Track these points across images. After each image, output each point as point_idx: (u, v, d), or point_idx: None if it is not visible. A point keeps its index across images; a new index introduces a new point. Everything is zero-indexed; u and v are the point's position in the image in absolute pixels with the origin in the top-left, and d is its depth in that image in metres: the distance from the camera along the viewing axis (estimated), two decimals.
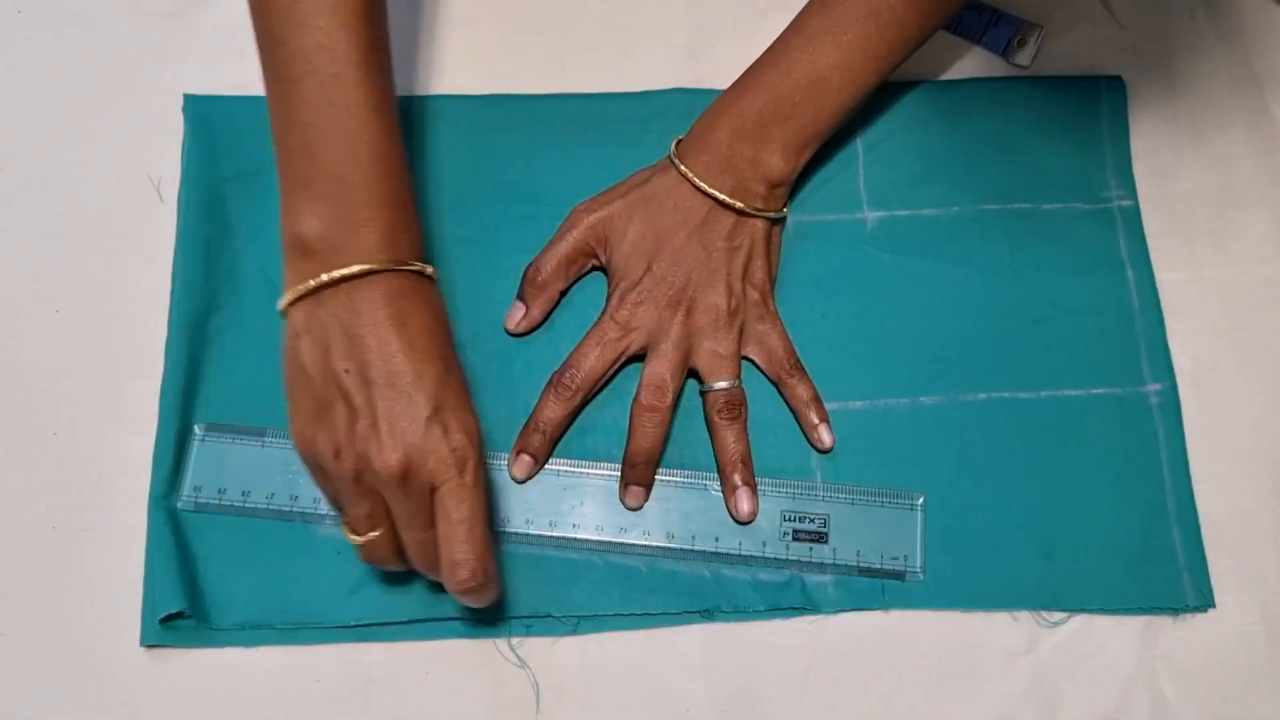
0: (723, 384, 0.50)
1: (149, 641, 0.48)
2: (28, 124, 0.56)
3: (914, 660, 0.49)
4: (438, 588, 0.48)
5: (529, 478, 0.50)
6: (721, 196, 0.50)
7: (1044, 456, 0.52)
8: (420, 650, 0.48)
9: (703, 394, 0.51)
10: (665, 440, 0.50)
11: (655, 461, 0.50)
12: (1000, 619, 0.49)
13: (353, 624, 0.48)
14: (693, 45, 0.58)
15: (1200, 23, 0.60)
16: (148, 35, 0.58)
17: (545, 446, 0.50)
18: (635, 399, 0.50)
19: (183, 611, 0.47)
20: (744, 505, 0.50)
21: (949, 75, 0.59)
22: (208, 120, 0.56)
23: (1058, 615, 0.49)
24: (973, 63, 0.59)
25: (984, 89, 0.58)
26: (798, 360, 0.52)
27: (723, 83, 0.53)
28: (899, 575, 0.50)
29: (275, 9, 0.43)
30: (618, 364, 0.51)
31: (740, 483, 0.50)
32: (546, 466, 0.51)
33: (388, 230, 0.43)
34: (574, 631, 0.49)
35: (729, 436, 0.50)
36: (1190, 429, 0.52)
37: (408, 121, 0.56)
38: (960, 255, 0.55)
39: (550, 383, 0.50)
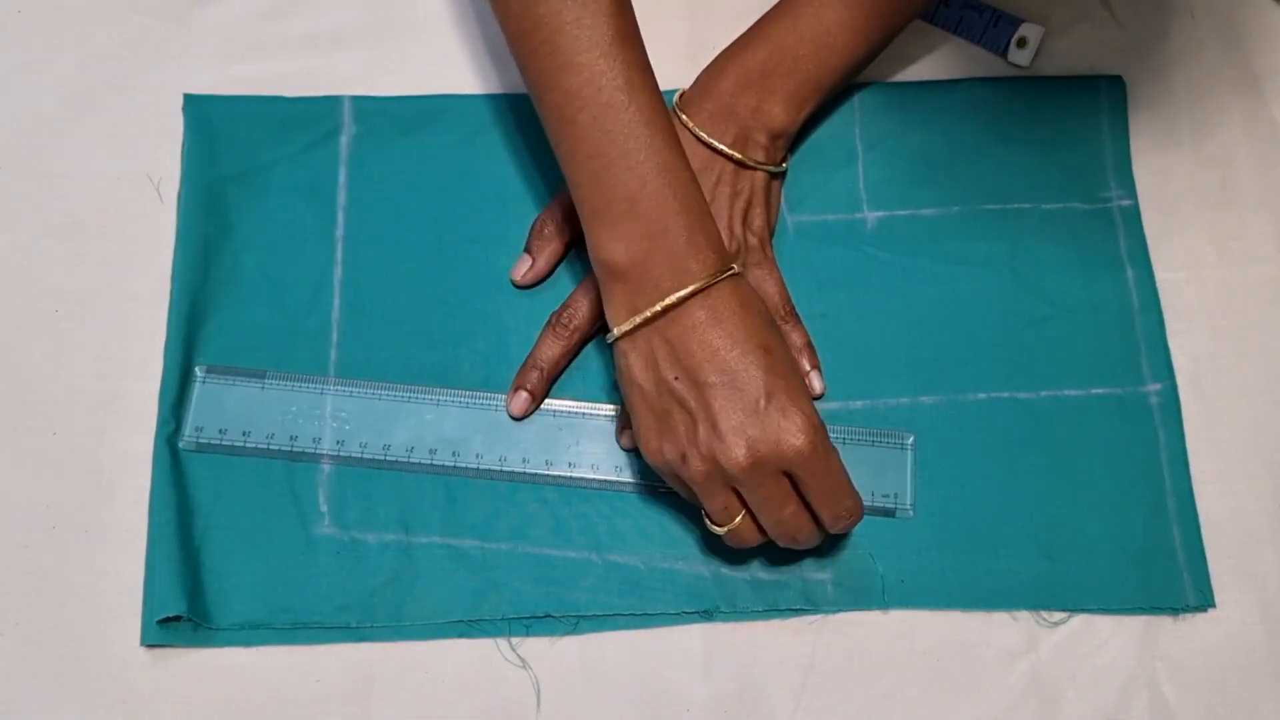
0: None
1: (149, 641, 0.48)
2: (27, 124, 0.56)
3: (914, 660, 0.49)
4: (440, 585, 0.48)
5: (526, 415, 0.51)
6: (721, 147, 0.51)
7: (1044, 456, 0.52)
8: (420, 650, 0.48)
9: None
10: None
11: None
12: (1000, 619, 0.49)
13: (353, 625, 0.48)
14: (693, 45, 0.58)
15: (1200, 23, 0.60)
16: (148, 35, 0.58)
17: (542, 384, 0.51)
18: None
19: (181, 615, 0.47)
20: None
21: (949, 75, 0.59)
22: (208, 120, 0.56)
23: (1058, 615, 0.49)
24: (973, 63, 0.59)
25: (984, 89, 0.58)
26: (792, 307, 0.53)
27: None
28: (889, 512, 0.50)
29: (539, 57, 0.45)
30: None
31: None
32: (544, 406, 0.52)
33: (687, 236, 0.45)
34: (574, 631, 0.49)
35: None
36: (1190, 429, 0.52)
37: (408, 121, 0.56)
38: (960, 255, 0.55)
39: (549, 322, 0.51)
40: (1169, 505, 0.51)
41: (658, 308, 0.44)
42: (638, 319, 0.45)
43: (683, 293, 0.44)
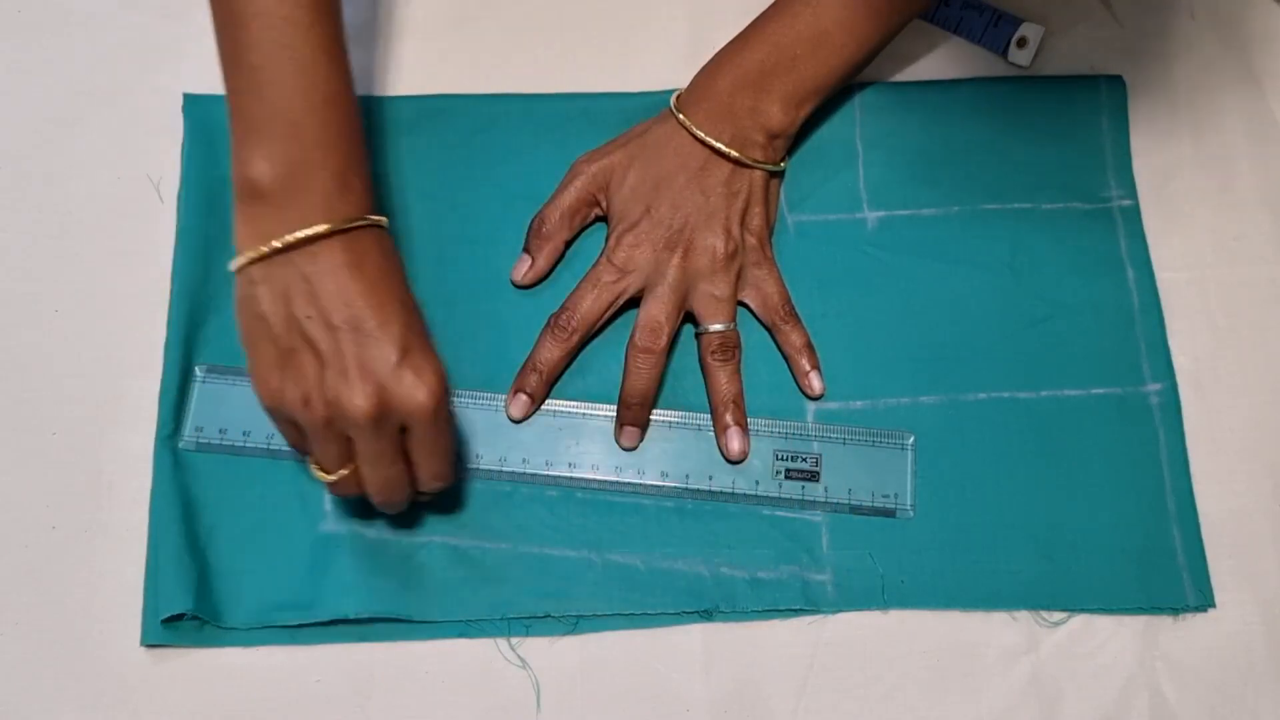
0: (718, 326, 0.51)
1: (150, 641, 0.48)
2: (28, 124, 0.56)
3: (914, 660, 0.49)
4: (440, 586, 0.48)
5: (526, 417, 0.51)
6: (718, 145, 0.51)
7: (1044, 456, 0.52)
8: (420, 650, 0.48)
9: (698, 335, 0.52)
10: (660, 381, 0.51)
11: (650, 402, 0.51)
12: (1000, 619, 0.49)
13: (352, 618, 0.48)
14: (693, 45, 0.58)
15: (1200, 23, 0.60)
16: (148, 35, 0.58)
17: (542, 387, 0.51)
18: (630, 340, 0.51)
19: (184, 613, 0.47)
20: (734, 444, 0.50)
21: (949, 75, 0.59)
22: (208, 120, 0.56)
23: (1058, 615, 0.49)
24: (973, 63, 0.59)
25: (984, 89, 0.58)
26: (792, 307, 0.53)
27: None
28: (889, 513, 0.50)
29: None
30: (615, 306, 0.52)
31: (731, 422, 0.51)
32: (543, 407, 0.52)
33: (340, 174, 0.43)
34: (574, 631, 0.49)
35: (722, 377, 0.51)
36: (1190, 429, 0.52)
37: (408, 121, 0.56)
38: (960, 255, 0.55)
39: (548, 324, 0.51)
40: (1169, 505, 0.51)
41: (299, 236, 0.42)
42: (276, 243, 0.42)
43: (326, 227, 0.42)
